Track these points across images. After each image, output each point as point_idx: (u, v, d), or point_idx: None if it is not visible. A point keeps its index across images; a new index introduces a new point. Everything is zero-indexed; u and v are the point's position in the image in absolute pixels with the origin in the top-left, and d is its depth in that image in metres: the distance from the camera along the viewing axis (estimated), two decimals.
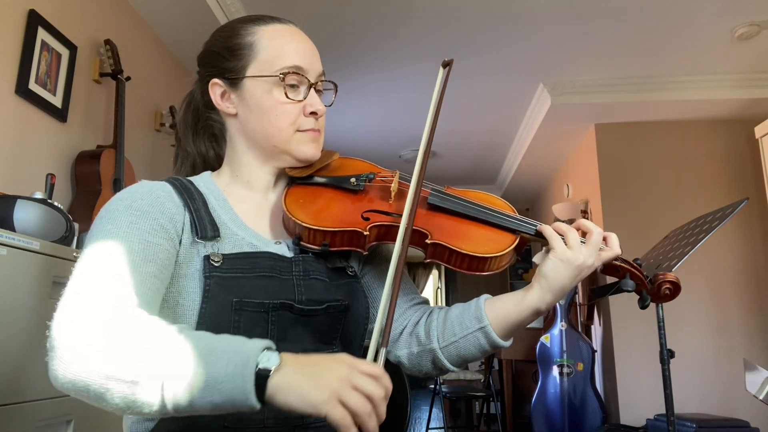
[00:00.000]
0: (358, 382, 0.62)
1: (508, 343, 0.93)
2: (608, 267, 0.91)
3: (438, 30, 3.14)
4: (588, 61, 3.48)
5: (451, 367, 0.95)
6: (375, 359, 0.69)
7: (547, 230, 0.89)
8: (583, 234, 0.89)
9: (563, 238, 0.87)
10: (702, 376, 3.62)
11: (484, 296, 0.94)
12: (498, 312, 0.91)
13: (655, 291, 0.92)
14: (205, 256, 0.81)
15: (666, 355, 2.00)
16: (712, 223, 1.93)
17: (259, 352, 0.62)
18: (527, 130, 4.51)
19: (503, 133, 4.71)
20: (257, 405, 0.61)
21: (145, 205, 0.80)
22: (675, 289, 0.92)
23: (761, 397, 2.00)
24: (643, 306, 0.93)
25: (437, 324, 0.94)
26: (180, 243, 0.82)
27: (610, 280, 0.97)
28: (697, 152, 3.99)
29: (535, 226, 0.90)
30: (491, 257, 0.88)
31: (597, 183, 4.03)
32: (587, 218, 4.14)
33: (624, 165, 4.02)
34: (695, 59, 3.44)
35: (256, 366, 0.61)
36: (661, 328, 2.04)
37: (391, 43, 3.28)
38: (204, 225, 0.84)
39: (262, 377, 0.61)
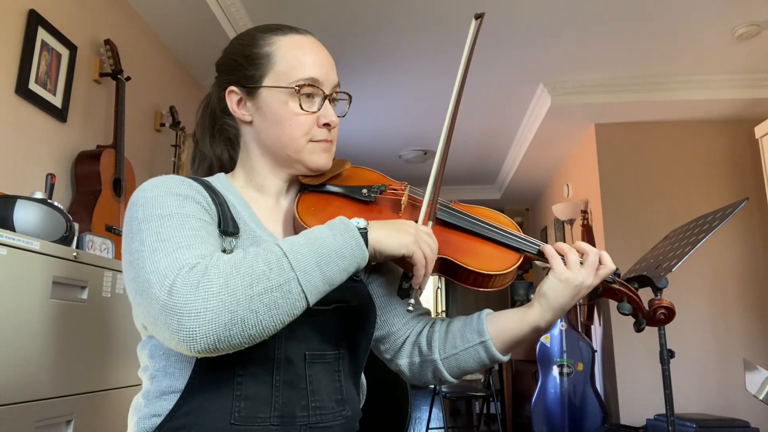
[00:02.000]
0: (425, 237, 0.83)
1: (506, 358, 0.96)
2: (607, 291, 0.95)
3: (437, 30, 3.14)
4: (588, 61, 3.48)
5: (450, 379, 0.98)
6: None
7: (548, 250, 0.93)
8: (581, 255, 0.92)
9: (563, 258, 0.91)
10: (702, 376, 3.62)
11: (486, 311, 0.97)
12: (499, 327, 0.94)
13: (651, 315, 0.95)
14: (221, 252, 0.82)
15: (666, 355, 2.00)
16: (712, 223, 1.93)
17: (349, 221, 0.78)
18: (527, 130, 4.51)
19: (503, 133, 4.72)
20: (368, 256, 0.78)
21: (184, 190, 0.82)
22: (669, 314, 0.95)
23: (761, 397, 2.00)
24: (638, 329, 0.95)
25: (439, 336, 0.97)
26: None
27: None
28: (697, 152, 3.99)
29: (538, 245, 0.94)
30: (496, 275, 0.91)
31: (597, 183, 4.03)
32: (587, 218, 4.16)
33: (624, 165, 4.02)
34: (695, 59, 3.44)
35: (356, 229, 0.77)
36: (661, 328, 2.04)
37: (391, 43, 3.28)
38: (227, 220, 0.85)
39: (364, 235, 0.78)
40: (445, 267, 0.92)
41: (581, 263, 0.90)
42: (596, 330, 4.12)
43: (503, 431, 4.17)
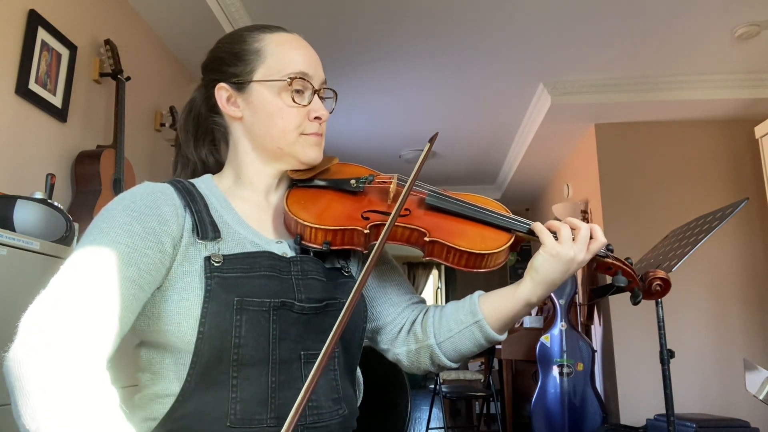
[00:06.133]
0: None
1: (502, 337, 0.95)
2: (601, 265, 0.94)
3: (437, 30, 3.14)
4: (588, 61, 3.48)
5: (449, 363, 0.97)
6: None
7: (538, 227, 0.92)
8: (572, 230, 0.91)
9: (555, 235, 0.90)
10: (702, 376, 3.62)
11: (478, 292, 0.97)
12: (491, 306, 0.93)
13: (647, 288, 0.95)
14: (206, 257, 0.82)
15: (666, 355, 2.00)
16: (712, 223, 1.94)
17: None
18: (527, 130, 4.51)
19: (503, 133, 4.71)
20: None
21: (141, 206, 0.81)
22: (665, 285, 0.95)
23: (761, 397, 2.00)
24: (635, 302, 0.95)
25: (433, 321, 0.97)
26: (180, 243, 0.83)
27: (608, 280, 0.98)
28: (697, 152, 3.99)
29: (528, 224, 0.94)
30: (488, 254, 0.90)
31: (597, 183, 4.03)
32: (587, 218, 4.16)
33: (624, 165, 4.01)
34: (695, 59, 3.44)
35: None
36: (661, 328, 2.04)
37: (391, 43, 3.28)
38: (205, 226, 0.85)
39: None
40: (437, 250, 0.91)
41: (573, 238, 0.89)
42: (596, 330, 4.12)
43: (503, 431, 4.17)
